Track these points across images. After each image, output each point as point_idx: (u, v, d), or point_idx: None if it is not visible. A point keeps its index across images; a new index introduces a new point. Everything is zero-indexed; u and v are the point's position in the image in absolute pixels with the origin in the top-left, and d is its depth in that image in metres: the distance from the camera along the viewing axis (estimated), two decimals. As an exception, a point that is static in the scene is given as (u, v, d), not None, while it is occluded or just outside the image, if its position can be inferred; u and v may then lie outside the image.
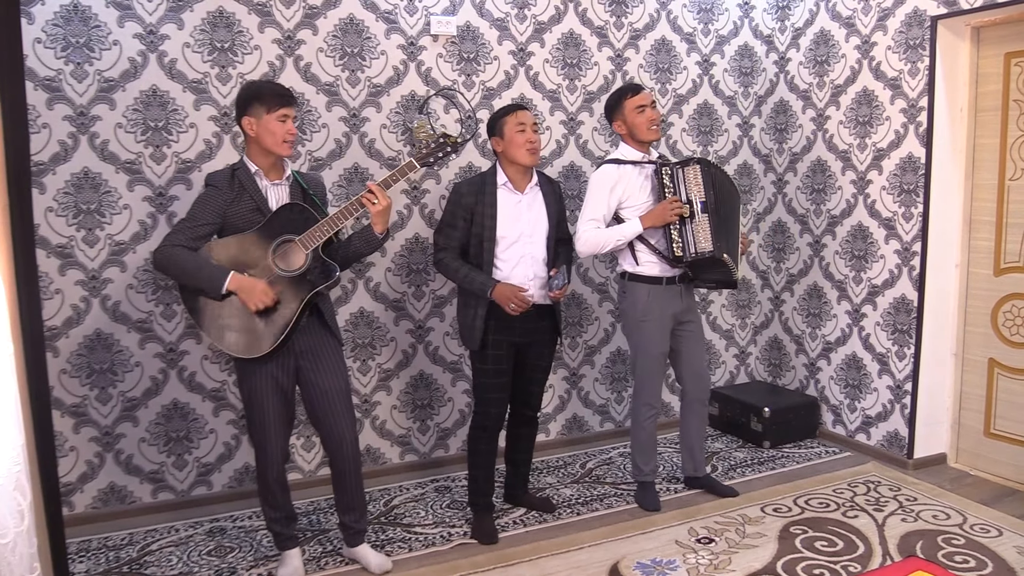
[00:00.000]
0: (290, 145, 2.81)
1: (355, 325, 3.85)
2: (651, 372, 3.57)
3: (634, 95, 3.44)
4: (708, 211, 3.33)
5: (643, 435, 3.63)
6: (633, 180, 3.45)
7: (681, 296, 3.54)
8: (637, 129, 3.44)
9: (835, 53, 4.33)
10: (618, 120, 3.49)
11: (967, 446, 4.03)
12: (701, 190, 3.35)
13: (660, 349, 3.55)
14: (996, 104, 3.78)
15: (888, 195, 4.08)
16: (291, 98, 2.82)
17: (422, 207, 3.93)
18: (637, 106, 3.42)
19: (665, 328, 3.53)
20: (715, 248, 3.32)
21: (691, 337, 3.62)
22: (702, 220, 3.34)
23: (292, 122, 2.80)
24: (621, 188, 3.43)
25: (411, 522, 3.48)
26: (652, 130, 3.44)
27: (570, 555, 3.16)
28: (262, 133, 2.76)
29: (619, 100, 3.48)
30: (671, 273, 3.48)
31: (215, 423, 3.64)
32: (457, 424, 4.14)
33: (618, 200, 3.44)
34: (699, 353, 3.67)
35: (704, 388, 3.71)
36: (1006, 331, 3.80)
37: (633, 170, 3.46)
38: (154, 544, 3.29)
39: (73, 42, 3.22)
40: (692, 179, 3.38)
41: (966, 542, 3.21)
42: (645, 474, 3.65)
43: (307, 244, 2.77)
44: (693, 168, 3.38)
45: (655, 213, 3.37)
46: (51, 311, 3.29)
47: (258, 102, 2.75)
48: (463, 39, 3.92)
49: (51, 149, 3.24)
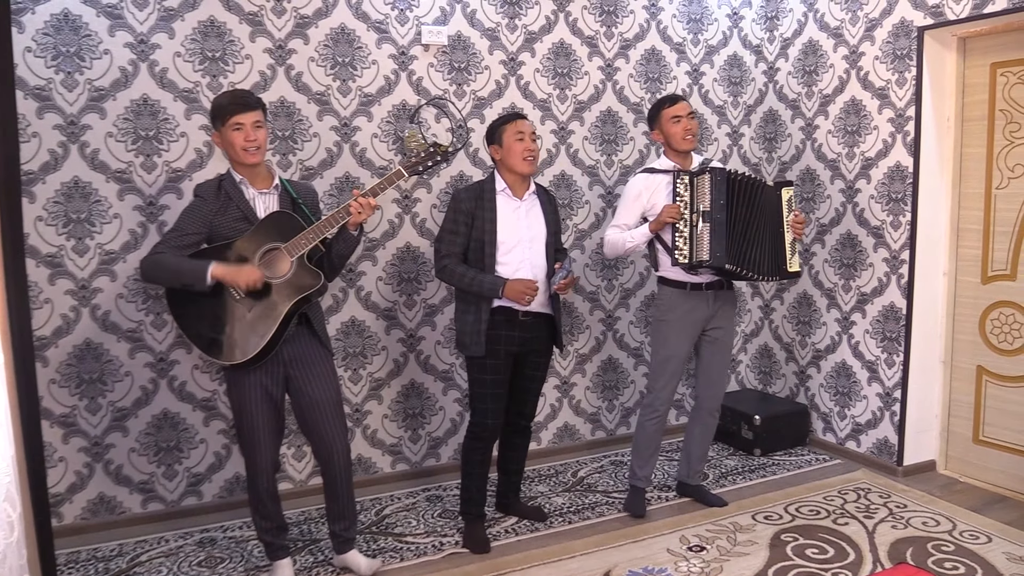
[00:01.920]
0: (253, 153, 2.77)
1: (346, 334, 3.84)
2: (661, 373, 3.58)
3: (671, 105, 3.51)
4: (710, 220, 3.33)
5: (642, 437, 3.64)
6: (660, 190, 3.49)
7: (709, 303, 3.54)
8: (672, 139, 3.51)
9: (823, 63, 4.36)
10: (656, 130, 3.57)
11: (956, 453, 4.05)
12: (708, 199, 3.35)
13: (675, 352, 3.55)
14: (983, 114, 3.81)
15: (877, 204, 4.11)
16: (243, 104, 2.75)
17: (413, 216, 3.94)
18: (673, 116, 3.49)
19: (686, 333, 3.54)
20: (712, 258, 3.31)
21: (713, 345, 3.62)
22: (703, 229, 3.35)
23: (255, 128, 2.75)
24: (647, 196, 3.49)
25: (402, 531, 3.48)
26: (687, 140, 3.49)
27: (562, 564, 3.16)
28: (225, 146, 2.80)
29: (658, 110, 3.55)
30: (696, 279, 3.50)
31: (205, 433, 3.62)
32: (448, 433, 4.14)
33: (642, 208, 3.51)
34: (719, 363, 3.65)
35: (715, 398, 3.69)
36: (994, 338, 3.83)
37: (663, 179, 3.49)
38: (144, 555, 3.27)
39: (64, 51, 3.22)
40: (702, 188, 3.37)
41: (956, 548, 3.22)
42: (638, 479, 3.65)
43: (292, 252, 2.77)
44: (703, 177, 3.37)
45: (657, 217, 3.42)
46: (40, 320, 3.28)
47: (216, 116, 2.77)
48: (454, 49, 3.94)
49: (41, 158, 3.23)
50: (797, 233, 3.49)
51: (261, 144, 2.79)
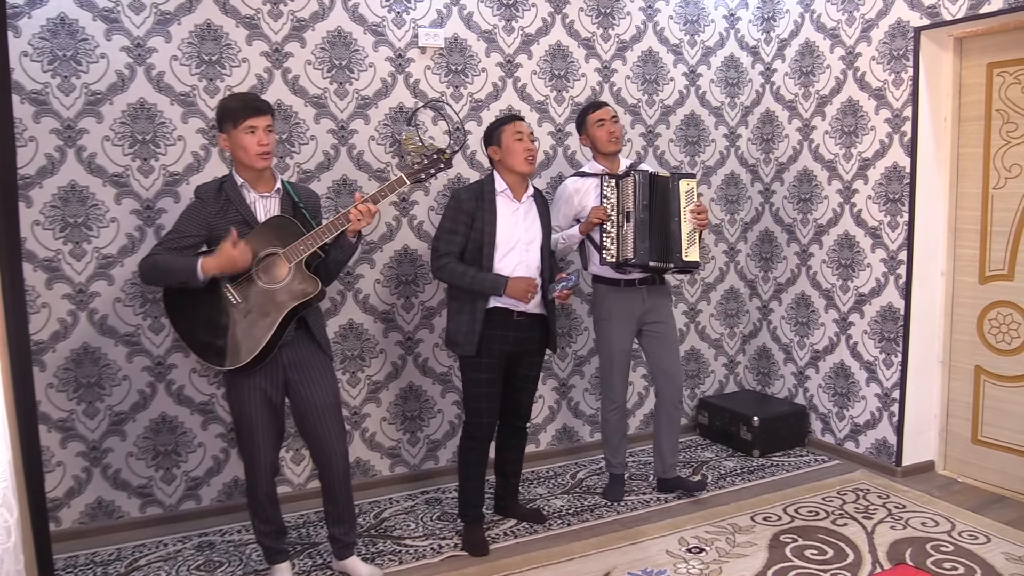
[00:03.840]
0: (265, 157, 2.77)
1: (344, 337, 3.84)
2: (610, 368, 3.75)
3: (594, 111, 3.66)
4: (633, 220, 3.46)
5: (607, 428, 3.83)
6: (591, 192, 3.62)
7: (644, 299, 3.68)
8: (598, 142, 3.66)
9: (820, 64, 4.37)
10: (584, 135, 3.71)
11: (955, 453, 4.05)
12: (631, 200, 3.48)
13: (619, 347, 3.71)
14: (979, 114, 3.82)
15: (874, 204, 4.11)
16: (256, 108, 2.75)
17: (411, 219, 3.94)
18: (597, 120, 3.63)
19: (626, 328, 3.70)
20: (636, 256, 3.45)
21: (658, 338, 3.75)
22: (628, 229, 3.47)
23: (267, 132, 2.75)
24: (577, 199, 3.64)
25: (401, 534, 3.47)
26: (611, 143, 3.62)
27: (561, 566, 3.16)
28: (235, 149, 2.77)
29: (583, 116, 3.70)
30: (628, 276, 3.63)
31: (203, 437, 3.62)
32: (447, 436, 4.13)
33: (575, 210, 3.65)
34: (668, 354, 3.77)
35: (675, 389, 3.78)
36: (992, 338, 3.83)
37: (593, 182, 3.62)
38: (142, 559, 3.26)
39: (60, 55, 3.22)
40: (625, 189, 3.50)
41: (955, 549, 3.22)
42: (614, 466, 3.84)
43: (291, 257, 2.76)
44: (627, 179, 3.50)
45: (586, 220, 3.54)
46: (38, 325, 3.27)
47: (226, 119, 2.75)
48: (451, 51, 3.94)
49: (38, 162, 3.23)
50: (700, 224, 3.55)
51: (271, 149, 2.79)
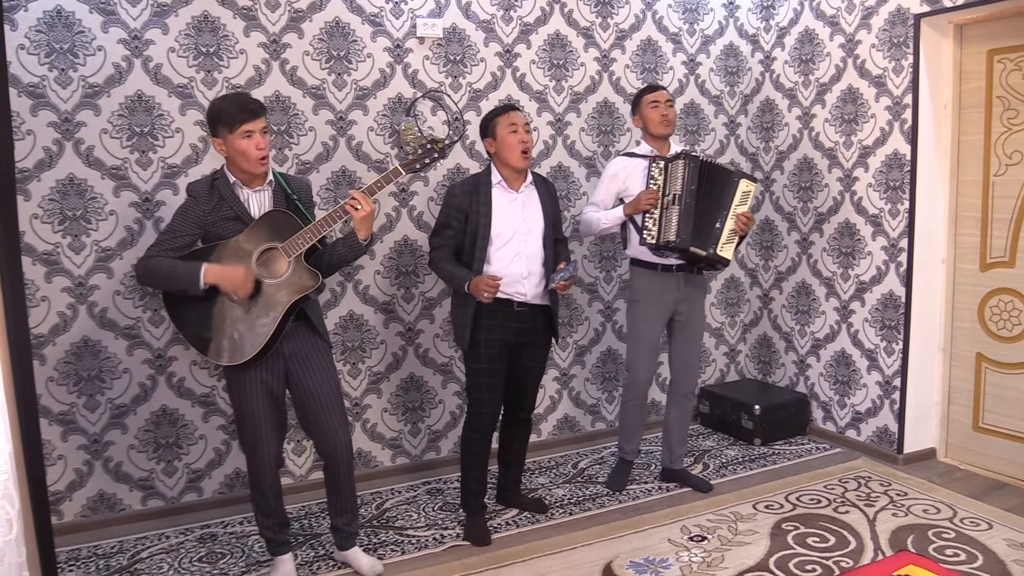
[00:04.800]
0: (264, 161, 2.75)
1: (344, 328, 3.84)
2: (636, 353, 3.71)
3: (649, 92, 3.65)
4: (680, 203, 3.44)
5: (625, 416, 3.83)
6: (637, 173, 3.60)
7: (679, 286, 3.63)
8: (649, 123, 3.64)
9: (820, 52, 4.35)
10: (636, 115, 3.70)
11: (956, 440, 4.05)
12: (680, 184, 3.45)
13: (649, 331, 3.66)
14: (980, 101, 3.80)
15: (874, 192, 4.10)
16: (252, 112, 2.71)
17: (410, 209, 3.93)
18: (651, 102, 3.62)
19: (658, 313, 3.66)
20: (678, 239, 3.42)
21: (685, 329, 3.71)
22: (672, 211, 3.45)
23: (263, 135, 2.73)
24: (623, 178, 3.62)
25: (403, 525, 3.48)
26: (663, 125, 3.60)
27: (563, 555, 3.16)
28: (232, 154, 2.74)
29: (638, 97, 3.69)
30: (666, 261, 3.59)
31: (205, 429, 3.62)
32: (448, 426, 4.14)
33: (617, 189, 3.63)
34: (692, 345, 3.75)
35: (690, 381, 3.78)
36: (993, 326, 3.83)
37: (640, 163, 3.61)
38: (144, 551, 3.27)
39: (57, 48, 3.21)
40: (674, 173, 3.47)
41: (956, 536, 3.23)
42: (626, 452, 3.84)
43: (290, 252, 2.76)
44: (676, 163, 3.47)
45: (632, 201, 3.53)
46: (37, 318, 3.27)
47: (220, 123, 2.71)
48: (449, 41, 3.92)
49: (36, 156, 3.22)
50: (742, 228, 3.52)
51: (267, 151, 2.78)
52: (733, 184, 3.50)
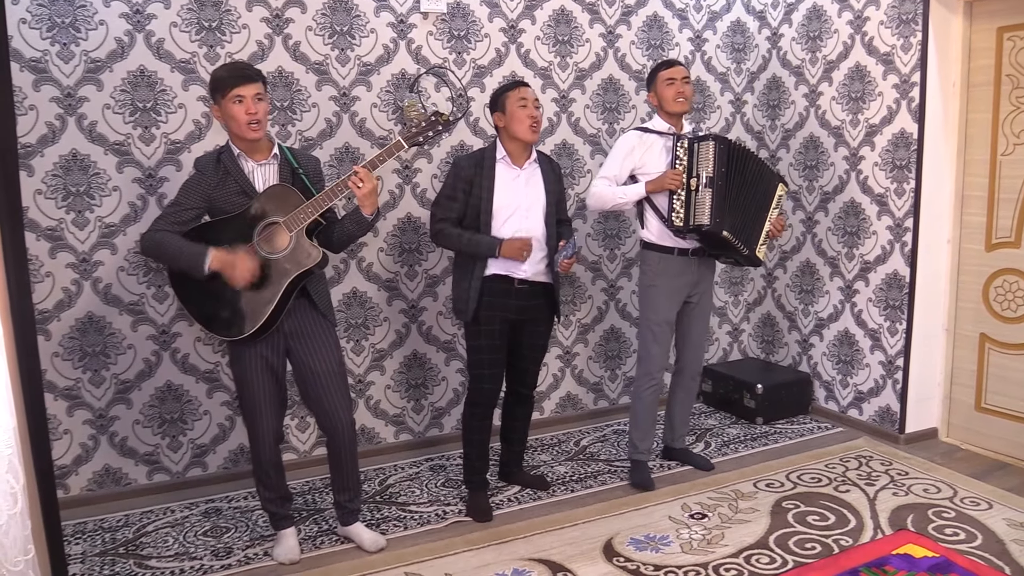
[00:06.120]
0: (255, 127, 2.74)
1: (348, 305, 3.84)
2: (653, 340, 3.62)
3: (666, 68, 3.55)
4: (713, 187, 3.36)
5: (640, 407, 3.67)
6: (653, 149, 3.53)
7: (694, 269, 3.59)
8: (665, 101, 3.54)
9: (828, 28, 4.31)
10: (652, 92, 3.61)
11: (958, 421, 4.05)
12: (711, 166, 3.38)
13: (665, 318, 3.60)
14: (988, 79, 3.77)
15: (880, 171, 4.08)
16: (244, 76, 2.71)
17: (414, 187, 3.92)
18: (667, 79, 3.53)
19: (673, 298, 3.60)
20: (712, 223, 3.34)
21: (695, 310, 3.67)
22: (704, 194, 3.37)
23: (256, 101, 2.72)
24: (638, 154, 3.53)
25: (406, 501, 3.50)
26: (678, 102, 3.51)
27: (564, 532, 3.18)
28: (226, 120, 2.76)
29: (654, 73, 3.60)
30: (683, 245, 3.53)
31: (209, 404, 3.64)
32: (451, 403, 4.15)
33: (633, 165, 3.54)
34: (700, 326, 3.72)
35: (697, 360, 3.77)
36: (997, 306, 3.82)
37: (657, 140, 3.54)
38: (150, 525, 3.30)
39: (59, 22, 3.19)
40: (705, 154, 3.40)
41: (956, 515, 3.24)
42: (640, 452, 3.68)
43: (291, 226, 2.76)
44: (707, 144, 3.40)
45: (657, 180, 3.45)
46: (42, 294, 3.28)
47: (215, 89, 2.74)
48: (453, 16, 3.89)
49: (39, 131, 3.21)
50: (775, 231, 3.54)
51: (262, 118, 2.76)
52: (774, 187, 3.51)
